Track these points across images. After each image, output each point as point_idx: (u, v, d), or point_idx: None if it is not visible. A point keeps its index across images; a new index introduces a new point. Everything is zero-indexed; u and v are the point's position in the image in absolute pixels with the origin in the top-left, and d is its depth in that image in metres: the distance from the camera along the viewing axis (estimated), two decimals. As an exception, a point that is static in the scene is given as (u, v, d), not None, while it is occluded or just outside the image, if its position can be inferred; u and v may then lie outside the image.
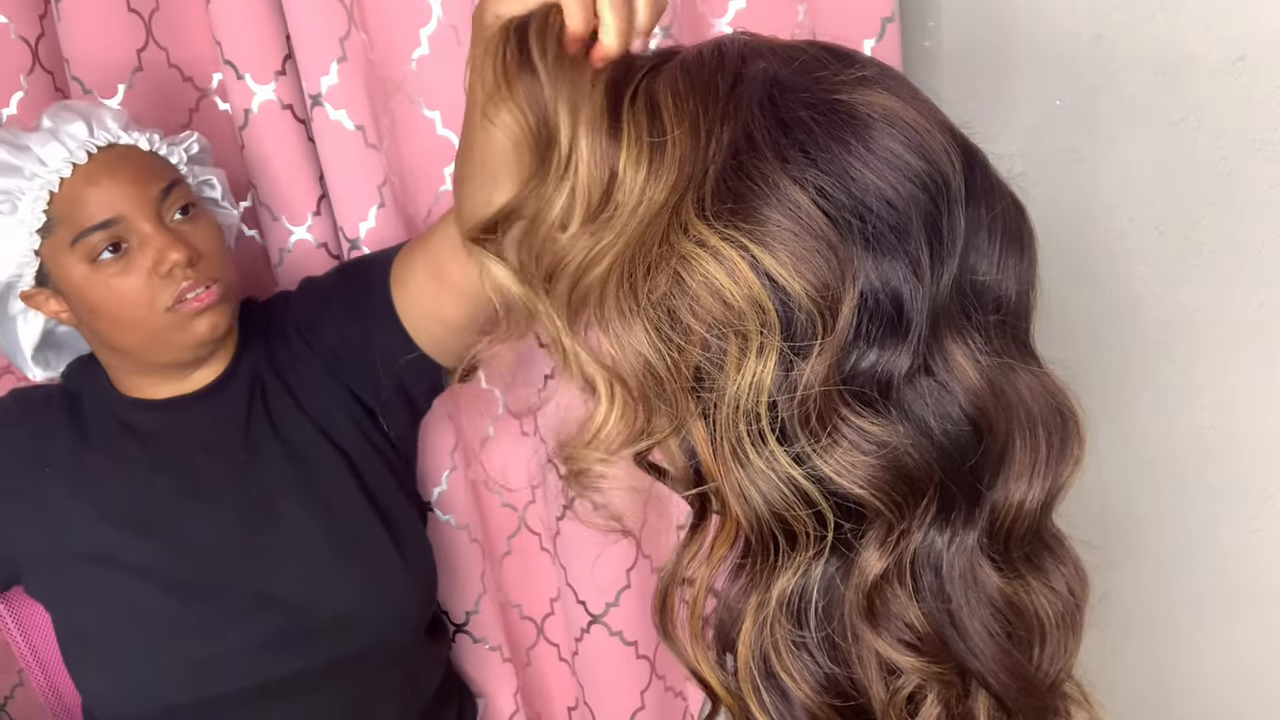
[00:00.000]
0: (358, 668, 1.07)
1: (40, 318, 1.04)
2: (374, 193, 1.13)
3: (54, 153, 0.96)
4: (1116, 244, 1.01)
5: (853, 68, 0.54)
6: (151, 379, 1.05)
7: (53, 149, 0.96)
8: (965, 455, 0.53)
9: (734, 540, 0.55)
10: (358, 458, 1.07)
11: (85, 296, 0.97)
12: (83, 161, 0.96)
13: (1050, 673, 0.58)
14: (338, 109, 1.09)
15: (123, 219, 0.96)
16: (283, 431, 1.06)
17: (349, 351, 1.05)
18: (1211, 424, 1.01)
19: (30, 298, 1.00)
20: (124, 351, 1.01)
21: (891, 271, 0.50)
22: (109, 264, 0.96)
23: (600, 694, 1.32)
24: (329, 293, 1.08)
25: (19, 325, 1.05)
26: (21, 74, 1.16)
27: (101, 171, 0.96)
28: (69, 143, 0.96)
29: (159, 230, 0.96)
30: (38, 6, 1.16)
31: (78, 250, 0.96)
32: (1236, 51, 0.87)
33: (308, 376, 1.07)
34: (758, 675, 0.55)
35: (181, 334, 0.99)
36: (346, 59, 1.08)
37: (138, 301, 0.96)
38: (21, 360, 1.08)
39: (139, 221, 0.96)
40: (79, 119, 0.98)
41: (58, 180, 0.96)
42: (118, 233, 0.96)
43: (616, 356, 0.53)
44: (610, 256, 0.53)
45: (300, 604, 1.02)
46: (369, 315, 1.03)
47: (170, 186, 0.99)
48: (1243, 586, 1.05)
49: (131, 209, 0.96)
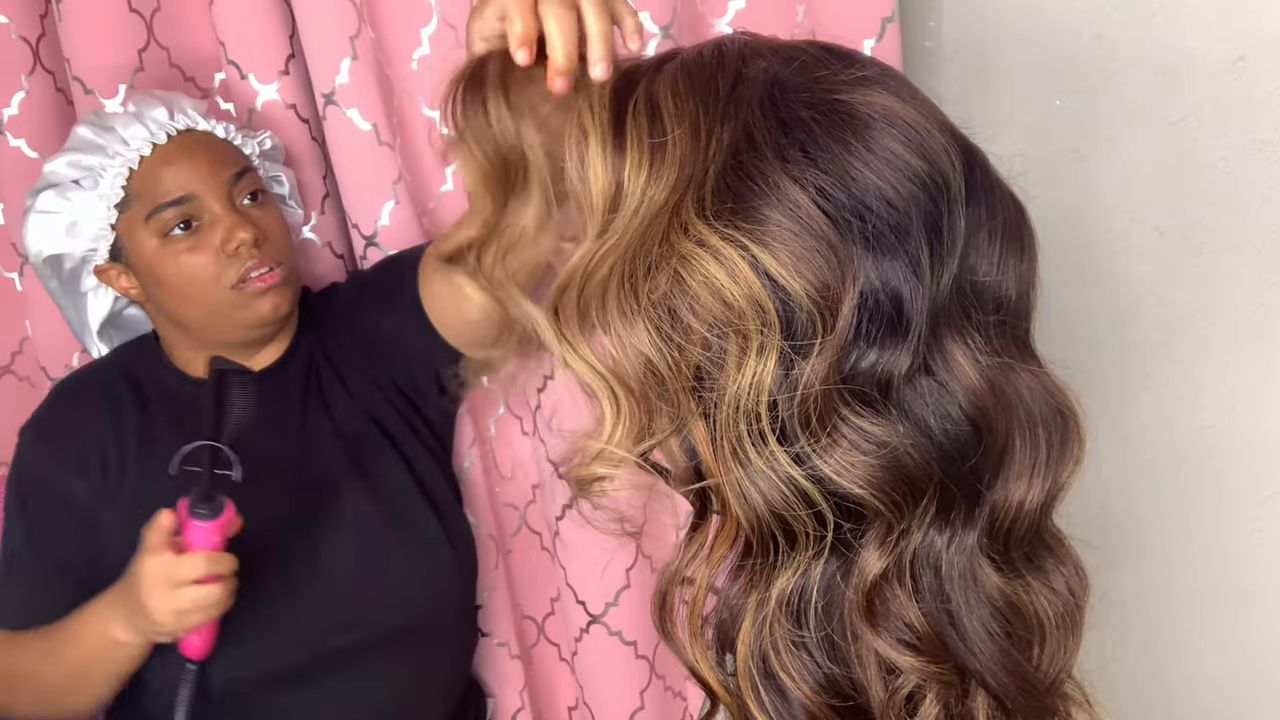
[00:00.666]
0: (407, 645, 1.10)
1: (110, 294, 1.10)
2: (388, 189, 1.13)
3: (136, 133, 1.02)
4: (1116, 244, 1.01)
5: (853, 68, 0.54)
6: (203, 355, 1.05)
7: (135, 129, 1.02)
8: (965, 455, 0.53)
9: (734, 540, 0.55)
10: (402, 441, 1.11)
11: (155, 270, 1.02)
12: (162, 142, 1.02)
13: (1050, 673, 0.58)
14: (349, 108, 1.09)
15: (195, 197, 1.01)
16: (335, 415, 1.10)
17: (385, 341, 1.10)
18: (1211, 424, 1.01)
19: (103, 273, 1.05)
20: (188, 327, 1.06)
21: (891, 271, 0.50)
22: (180, 240, 1.01)
23: (600, 694, 1.32)
24: (368, 285, 1.13)
25: (89, 301, 1.10)
26: (22, 74, 1.16)
27: (179, 152, 1.02)
28: (150, 125, 1.03)
29: (228, 211, 1.02)
30: (38, 6, 1.16)
31: (151, 225, 1.01)
32: (1236, 51, 0.87)
33: (355, 364, 1.11)
34: (757, 675, 0.55)
35: (244, 312, 1.03)
36: (358, 57, 1.08)
37: (204, 278, 1.01)
38: (88, 335, 1.13)
39: (210, 201, 1.01)
40: (161, 105, 1.04)
41: (138, 158, 1.02)
42: (189, 210, 1.01)
43: (618, 357, 0.53)
44: (612, 258, 0.53)
45: (351, 582, 1.05)
46: (400, 307, 1.07)
47: (242, 173, 1.04)
48: (1243, 586, 1.05)
49: (204, 189, 1.01)
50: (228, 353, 1.05)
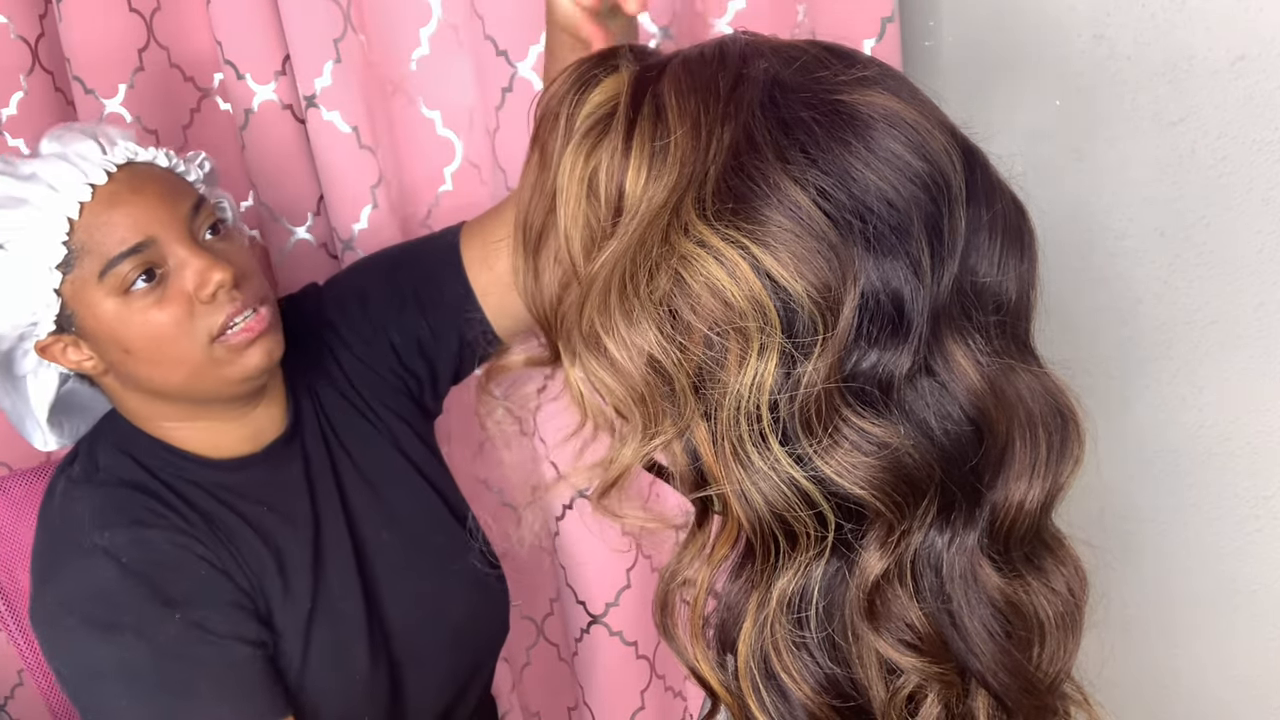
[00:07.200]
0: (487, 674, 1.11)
1: (54, 374, 0.92)
2: (367, 194, 1.13)
3: (68, 176, 0.85)
4: (1116, 244, 1.01)
5: (854, 68, 0.54)
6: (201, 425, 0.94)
7: (65, 172, 0.85)
8: (966, 455, 0.53)
9: (735, 540, 0.55)
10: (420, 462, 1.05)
11: (119, 335, 0.86)
12: (102, 182, 0.85)
13: (1050, 672, 0.58)
14: (331, 110, 1.09)
15: (155, 241, 0.85)
16: (361, 463, 1.01)
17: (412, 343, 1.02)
18: (1211, 424, 1.01)
19: (47, 349, 0.88)
20: (168, 394, 0.90)
21: (892, 272, 0.50)
22: (143, 294, 0.85)
23: (600, 694, 1.32)
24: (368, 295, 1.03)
25: (30, 385, 0.92)
26: (21, 74, 1.16)
27: (125, 191, 0.86)
28: (82, 164, 0.86)
29: (196, 251, 0.86)
30: (38, 6, 1.16)
31: (107, 283, 0.85)
32: (1236, 51, 0.87)
33: (368, 387, 1.03)
34: (758, 675, 0.55)
35: (231, 368, 0.88)
36: (341, 61, 1.08)
37: (179, 334, 0.86)
38: (32, 426, 0.95)
39: (172, 244, 0.86)
40: (86, 138, 0.88)
41: (76, 206, 0.84)
42: (150, 257, 0.85)
43: (621, 360, 0.53)
44: (613, 259, 0.53)
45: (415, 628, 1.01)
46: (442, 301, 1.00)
47: (198, 204, 0.89)
48: (1242, 586, 1.05)
49: (162, 230, 0.86)
50: (219, 414, 0.93)
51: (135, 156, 0.88)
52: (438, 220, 1.20)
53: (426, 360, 1.04)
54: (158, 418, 0.93)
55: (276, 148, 1.15)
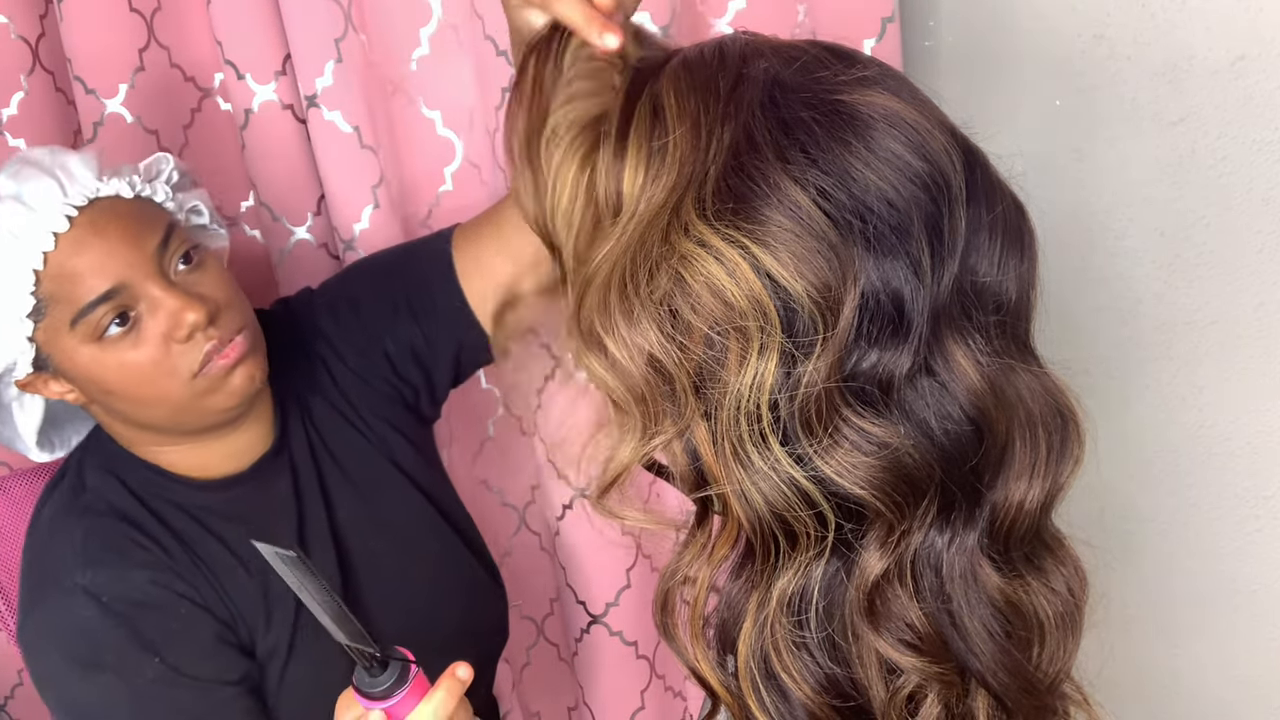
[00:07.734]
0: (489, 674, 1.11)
1: (39, 400, 0.91)
2: (368, 194, 1.13)
3: (27, 223, 0.82)
4: (1116, 244, 1.01)
5: (854, 68, 0.54)
6: (187, 448, 0.94)
7: (24, 220, 0.82)
8: (966, 455, 0.53)
9: (735, 540, 0.55)
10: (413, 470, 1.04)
11: (97, 379, 0.85)
12: (64, 229, 0.83)
13: (1050, 672, 0.58)
14: (332, 110, 1.09)
15: (125, 286, 0.84)
16: (352, 473, 1.01)
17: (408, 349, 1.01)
18: (1211, 424, 1.01)
19: (28, 385, 0.88)
20: (152, 426, 0.90)
21: (892, 272, 0.50)
22: (118, 339, 0.84)
23: (600, 694, 1.32)
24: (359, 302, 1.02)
25: (15, 413, 0.92)
26: (22, 74, 1.16)
27: (89, 235, 0.84)
28: (41, 209, 0.83)
29: (169, 291, 0.84)
30: (38, 6, 1.16)
31: (79, 331, 0.84)
32: (1236, 51, 0.87)
33: (360, 398, 1.02)
34: (758, 675, 0.55)
35: (216, 396, 0.88)
36: (342, 60, 1.08)
37: (158, 374, 0.85)
38: (23, 447, 0.96)
39: (144, 285, 0.84)
40: (44, 176, 0.84)
41: (40, 256, 0.82)
42: (122, 302, 0.84)
43: (622, 360, 0.53)
44: (612, 259, 0.53)
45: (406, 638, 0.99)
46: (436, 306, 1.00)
47: (167, 235, 0.87)
48: (1242, 586, 1.05)
49: (132, 272, 0.84)
50: (205, 437, 0.92)
51: (96, 193, 0.86)
52: (438, 220, 1.20)
53: (422, 369, 1.03)
54: (144, 442, 0.93)
55: (277, 148, 1.15)
